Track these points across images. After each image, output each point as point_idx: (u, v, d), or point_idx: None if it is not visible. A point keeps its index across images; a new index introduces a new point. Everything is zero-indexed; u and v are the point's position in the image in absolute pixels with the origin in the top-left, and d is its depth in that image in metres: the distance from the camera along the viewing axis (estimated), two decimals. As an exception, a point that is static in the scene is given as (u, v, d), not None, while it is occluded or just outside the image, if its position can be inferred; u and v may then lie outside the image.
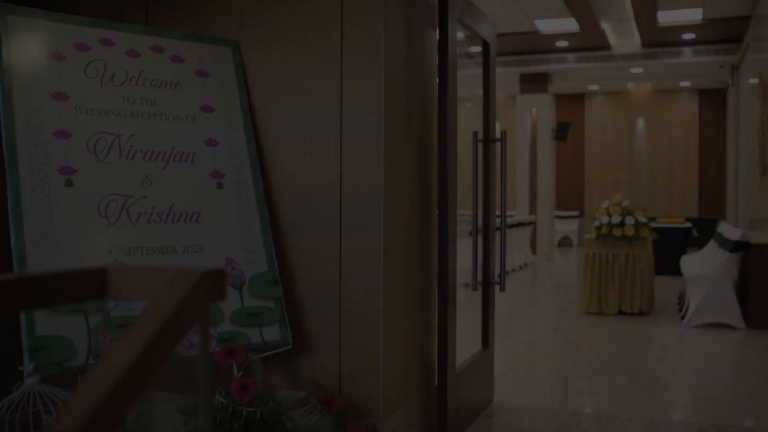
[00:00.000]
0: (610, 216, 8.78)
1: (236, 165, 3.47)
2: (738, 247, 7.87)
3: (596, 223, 8.83)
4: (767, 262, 7.74)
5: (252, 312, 3.32)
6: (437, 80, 3.94)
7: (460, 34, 4.29)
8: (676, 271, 12.87)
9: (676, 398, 5.29)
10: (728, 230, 8.83)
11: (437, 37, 3.93)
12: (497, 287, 4.90)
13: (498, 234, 4.97)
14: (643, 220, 8.70)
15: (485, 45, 4.72)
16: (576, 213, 21.80)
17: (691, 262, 9.50)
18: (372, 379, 3.54)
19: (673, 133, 21.22)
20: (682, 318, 8.41)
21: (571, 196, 22.18)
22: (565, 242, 21.85)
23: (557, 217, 21.59)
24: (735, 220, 16.12)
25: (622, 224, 8.69)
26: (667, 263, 13.20)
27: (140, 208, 3.16)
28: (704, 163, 20.98)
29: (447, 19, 3.85)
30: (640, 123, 21.44)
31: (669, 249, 13.35)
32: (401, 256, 3.69)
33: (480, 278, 4.76)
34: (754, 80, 11.98)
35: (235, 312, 3.28)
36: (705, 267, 8.43)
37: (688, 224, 13.77)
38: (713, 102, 20.77)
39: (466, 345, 4.89)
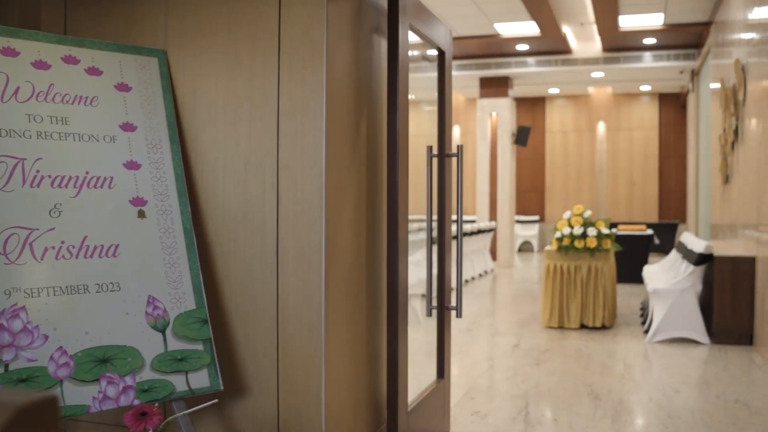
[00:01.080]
0: (571, 227, 8.52)
1: (161, 190, 3.10)
2: (702, 259, 7.65)
3: (557, 235, 8.57)
4: (732, 275, 7.53)
5: (177, 356, 2.96)
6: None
7: (415, 38, 3.96)
8: (638, 279, 12.71)
9: (643, 425, 5.01)
10: (691, 241, 8.62)
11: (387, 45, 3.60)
12: (453, 312, 4.58)
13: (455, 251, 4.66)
14: (605, 231, 8.45)
15: (440, 53, 4.40)
16: (536, 218, 21.63)
17: (654, 273, 9.29)
18: (314, 422, 3.20)
19: (634, 137, 21.15)
20: (646, 332, 8.18)
21: (531, 200, 22.01)
22: (525, 247, 21.67)
23: (517, 222, 21.40)
24: (696, 225, 16.03)
25: (584, 236, 8.43)
26: (629, 271, 13.02)
27: (46, 242, 2.78)
28: (664, 168, 20.93)
29: (397, 25, 3.53)
30: (601, 127, 21.33)
31: (630, 257, 13.17)
32: (346, 286, 3.35)
33: (434, 303, 4.44)
34: (714, 85, 11.84)
35: (157, 358, 2.92)
36: (668, 279, 8.20)
37: (650, 232, 13.61)
38: (673, 106, 20.73)
39: (420, 371, 4.58)
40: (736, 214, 9.03)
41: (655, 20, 12.96)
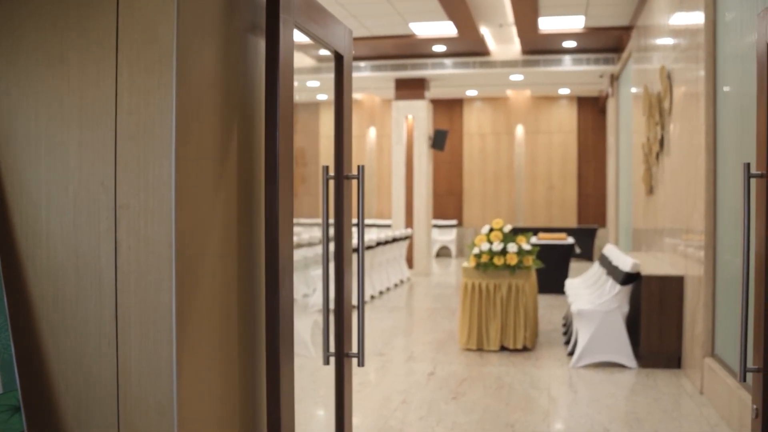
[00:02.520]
0: (490, 243, 7.95)
1: (-45, 236, 2.34)
2: (629, 278, 7.16)
3: (475, 251, 7.99)
4: (659, 294, 7.06)
5: (-29, 463, 2.21)
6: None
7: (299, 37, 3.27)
8: (559, 290, 12.25)
9: (571, 481, 4.44)
10: (615, 256, 8.14)
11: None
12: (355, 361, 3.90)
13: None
14: (526, 247, 7.90)
15: (337, 57, 3.71)
16: (454, 222, 21.18)
17: (577, 289, 8.80)
18: None
19: (552, 141, 20.88)
20: (570, 354, 7.67)
21: (449, 204, 21.55)
22: (443, 252, 21.20)
23: (435, 226, 20.92)
24: (615, 231, 15.75)
25: (504, 252, 7.87)
26: (550, 281, 12.59)
27: None
28: (583, 172, 20.72)
29: (278, 23, 2.83)
30: (519, 130, 21.00)
31: (551, 266, 12.74)
32: (210, 354, 2.64)
33: (332, 349, 3.76)
34: (636, 90, 11.48)
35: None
36: (593, 299, 7.70)
37: (571, 240, 13.21)
38: (591, 110, 20.52)
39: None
40: (662, 226, 8.62)
41: (575, 23, 12.54)
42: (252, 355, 2.97)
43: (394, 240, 13.66)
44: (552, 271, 12.72)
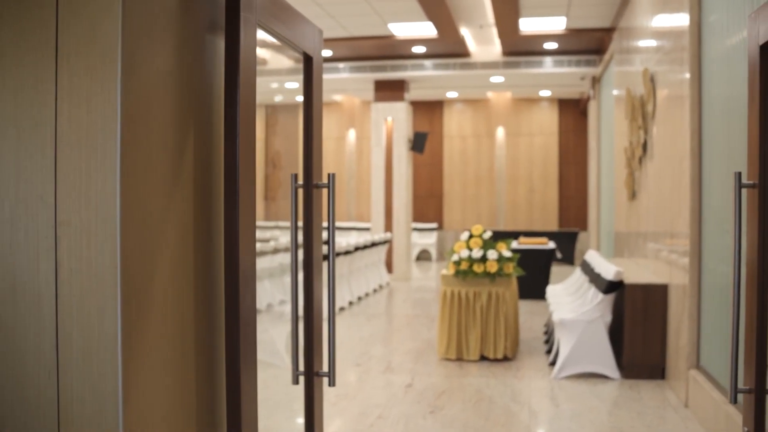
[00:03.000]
0: (470, 250, 7.75)
1: None
2: (612, 287, 6.98)
3: (454, 258, 7.78)
4: (643, 303, 6.89)
5: None
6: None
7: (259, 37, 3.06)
8: (540, 296, 12.08)
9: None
10: (598, 263, 7.96)
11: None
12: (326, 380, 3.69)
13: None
14: (507, 254, 7.71)
15: (306, 58, 3.50)
16: (434, 225, 20.99)
17: (559, 297, 8.63)
18: None
19: (534, 143, 20.74)
20: (551, 364, 7.49)
21: (429, 207, 21.36)
22: (423, 256, 21.00)
23: (415, 229, 20.73)
24: (597, 235, 15.61)
25: (483, 259, 7.67)
26: (531, 287, 12.41)
27: None
28: (564, 174, 20.59)
29: (238, 22, 2.61)
30: (500, 132, 20.84)
31: (532, 271, 12.57)
32: (161, 384, 2.41)
33: (302, 368, 3.55)
34: (617, 92, 11.33)
35: None
36: (575, 307, 7.52)
37: (552, 245, 13.04)
38: (572, 112, 20.40)
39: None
40: (645, 231, 8.45)
41: (556, 24, 12.38)
42: (212, 381, 2.75)
43: (373, 245, 13.44)
44: (533, 277, 12.55)
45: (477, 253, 7.64)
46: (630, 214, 9.66)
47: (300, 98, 20.44)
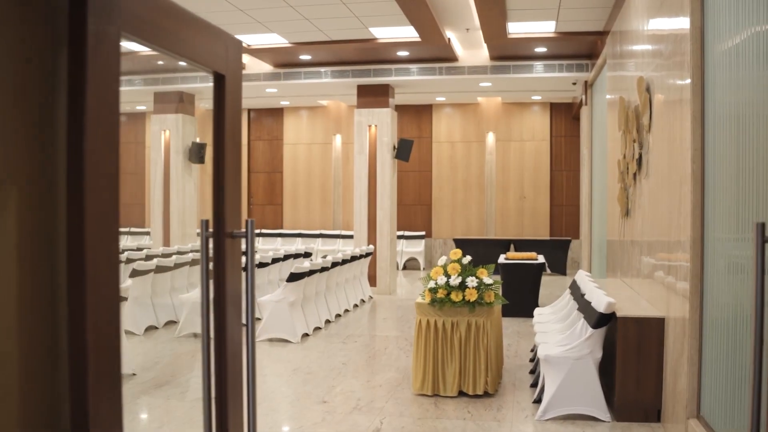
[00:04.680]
0: (448, 276, 7.06)
1: None
2: (603, 320, 6.30)
3: (431, 285, 7.09)
4: (637, 338, 6.20)
5: None
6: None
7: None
8: (528, 313, 11.37)
9: None
10: (589, 289, 7.27)
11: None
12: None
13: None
14: (488, 281, 7.02)
15: (217, 78, 2.80)
16: (422, 233, 20.29)
17: (545, 325, 7.94)
18: None
19: (525, 149, 20.06)
20: (536, 401, 6.80)
21: (417, 214, 20.67)
22: (411, 264, 20.31)
23: (403, 237, 20.05)
24: (589, 244, 14.91)
25: (462, 286, 6.98)
26: (519, 303, 11.73)
27: None
28: (556, 181, 19.91)
29: (85, 30, 1.91)
30: (491, 137, 20.16)
31: (520, 288, 11.89)
32: None
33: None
34: (610, 97, 10.66)
35: None
36: (561, 339, 6.83)
37: (541, 260, 12.35)
38: (565, 116, 19.73)
39: None
40: (639, 252, 7.77)
41: (546, 28, 11.70)
42: None
43: (352, 259, 12.73)
44: (521, 293, 11.88)
45: (455, 280, 6.95)
46: (623, 231, 8.98)
47: (283, 102, 19.72)
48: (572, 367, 6.33)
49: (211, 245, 2.86)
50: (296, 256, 13.53)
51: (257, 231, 21.09)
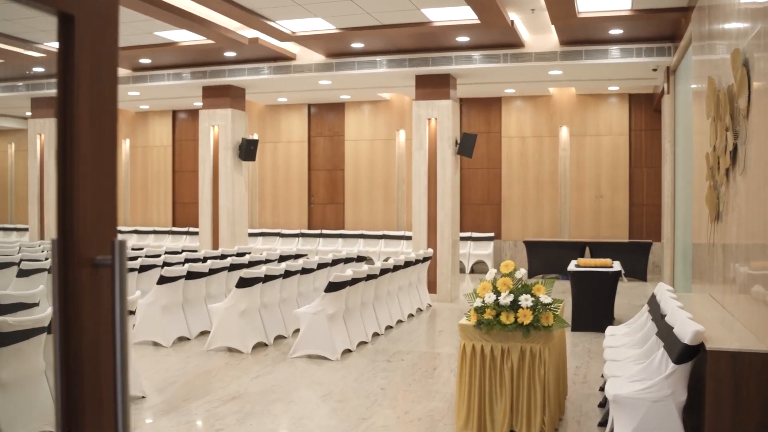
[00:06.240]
0: (497, 293, 5.88)
1: None
2: (688, 353, 5.04)
3: (477, 303, 5.93)
4: (734, 378, 4.91)
5: None
6: None
7: None
8: (601, 327, 10.05)
9: None
10: (671, 309, 5.98)
11: None
12: None
13: None
14: (546, 299, 5.81)
15: (63, 21, 1.72)
16: (491, 235, 19.02)
17: (618, 350, 6.69)
18: None
19: (601, 144, 18.59)
20: (604, 446, 5.57)
21: (486, 215, 19.40)
22: (479, 268, 19.06)
23: (470, 239, 18.83)
24: (672, 251, 13.44)
25: (514, 306, 5.79)
26: (591, 316, 10.45)
27: None
28: (635, 179, 18.39)
29: None
30: (564, 132, 18.76)
31: (593, 299, 10.60)
32: None
33: None
34: (696, 85, 9.29)
35: None
36: (636, 371, 5.57)
37: (617, 266, 11.02)
38: (645, 108, 18.20)
39: None
40: (734, 264, 6.45)
41: (621, 4, 10.36)
42: None
43: (407, 264, 11.60)
44: (594, 305, 10.58)
45: (506, 299, 5.76)
46: (714, 237, 7.63)
47: (344, 96, 18.71)
48: (649, 411, 5.08)
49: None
50: (347, 260, 12.44)
51: (317, 231, 20.16)
